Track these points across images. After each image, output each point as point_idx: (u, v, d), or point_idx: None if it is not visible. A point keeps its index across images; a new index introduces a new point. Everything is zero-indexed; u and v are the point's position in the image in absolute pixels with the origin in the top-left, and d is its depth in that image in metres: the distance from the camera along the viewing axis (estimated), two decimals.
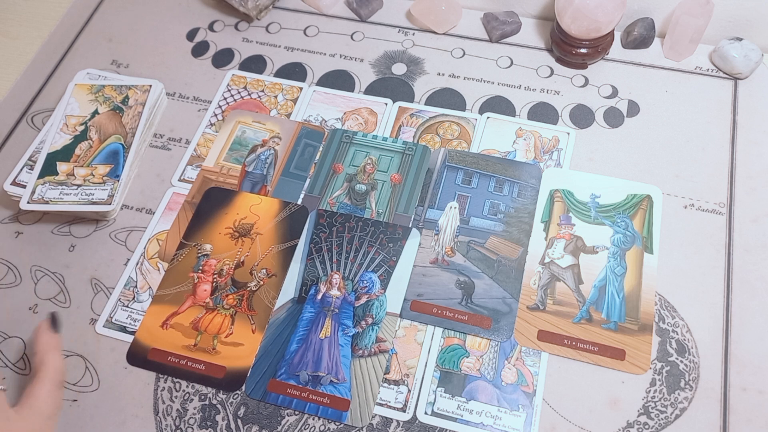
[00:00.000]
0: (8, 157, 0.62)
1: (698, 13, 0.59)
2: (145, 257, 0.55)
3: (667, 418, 0.47)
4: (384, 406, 0.48)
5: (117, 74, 0.66)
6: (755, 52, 0.60)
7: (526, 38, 0.67)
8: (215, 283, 0.53)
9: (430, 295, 0.52)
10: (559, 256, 0.53)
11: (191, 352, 0.50)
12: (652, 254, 0.53)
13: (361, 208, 0.57)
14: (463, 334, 0.51)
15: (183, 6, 0.72)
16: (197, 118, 0.63)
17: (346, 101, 0.63)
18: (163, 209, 0.58)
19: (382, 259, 0.54)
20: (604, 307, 0.51)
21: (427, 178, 0.58)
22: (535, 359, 0.49)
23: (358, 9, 0.68)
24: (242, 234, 0.56)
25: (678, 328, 0.50)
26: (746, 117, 0.59)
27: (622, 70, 0.64)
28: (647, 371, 0.48)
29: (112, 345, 0.52)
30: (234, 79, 0.66)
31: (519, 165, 0.58)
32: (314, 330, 0.51)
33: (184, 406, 0.49)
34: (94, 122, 0.60)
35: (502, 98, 0.63)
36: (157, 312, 0.52)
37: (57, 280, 0.55)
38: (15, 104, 0.66)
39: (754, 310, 0.50)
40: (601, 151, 0.59)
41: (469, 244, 0.54)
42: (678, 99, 0.61)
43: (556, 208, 0.56)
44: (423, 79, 0.64)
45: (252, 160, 0.60)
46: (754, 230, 0.54)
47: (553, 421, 0.47)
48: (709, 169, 0.57)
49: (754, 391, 0.47)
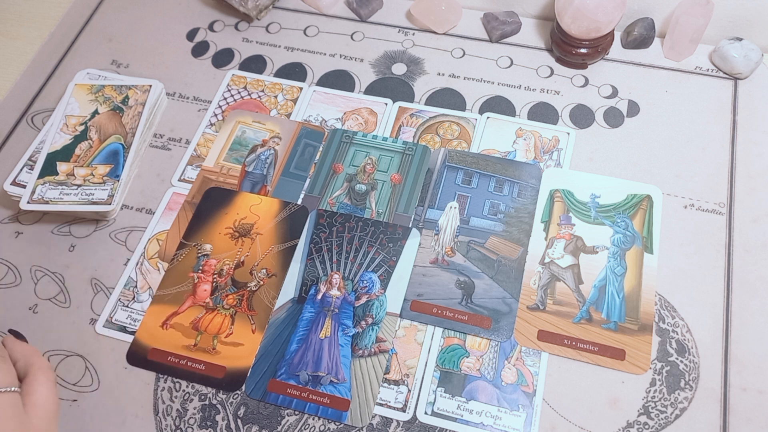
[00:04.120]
0: (8, 157, 0.62)
1: (698, 13, 0.59)
2: (145, 257, 0.55)
3: (667, 418, 0.47)
4: (384, 406, 0.48)
5: (117, 74, 0.66)
6: (755, 52, 0.60)
7: (526, 38, 0.67)
8: (215, 283, 0.53)
9: (430, 295, 0.52)
10: (559, 256, 0.53)
11: (191, 352, 0.50)
12: (652, 254, 0.53)
13: (361, 208, 0.57)
14: (463, 334, 0.51)
15: (183, 6, 0.72)
16: (197, 118, 0.63)
17: (346, 101, 0.63)
18: (163, 209, 0.58)
19: (382, 259, 0.54)
20: (604, 307, 0.51)
21: (427, 178, 0.58)
22: (535, 359, 0.49)
23: (358, 9, 0.68)
24: (242, 234, 0.56)
25: (678, 328, 0.50)
26: (746, 117, 0.59)
27: (622, 70, 0.64)
28: (647, 371, 0.48)
29: (112, 345, 0.52)
30: (234, 79, 0.66)
31: (519, 165, 0.58)
32: (314, 330, 0.51)
33: (184, 406, 0.49)
34: (94, 122, 0.60)
35: (502, 98, 0.63)
36: (157, 312, 0.52)
37: (57, 280, 0.55)
38: (15, 104, 0.66)
39: (754, 310, 0.50)
40: (601, 151, 0.59)
41: (469, 244, 0.54)
42: (678, 99, 0.61)
43: (556, 208, 0.56)
44: (423, 79, 0.64)
45: (252, 160, 0.60)
46: (754, 230, 0.54)
47: (553, 421, 0.47)
48: (709, 169, 0.57)
49: (754, 391, 0.47)
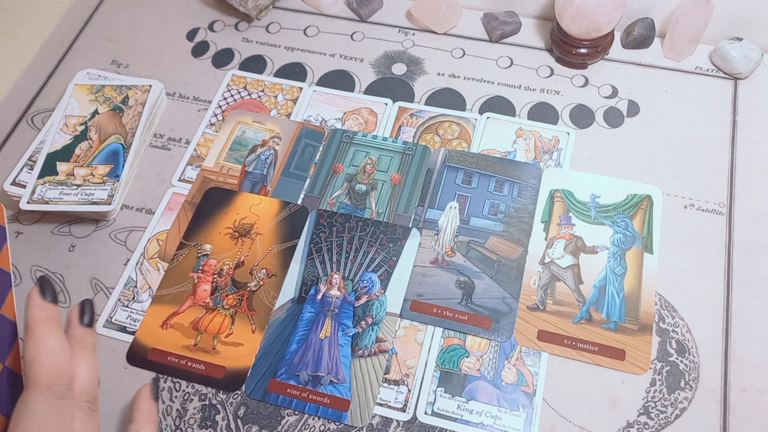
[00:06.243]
0: (8, 157, 0.62)
1: (698, 13, 0.59)
2: (145, 257, 0.55)
3: (667, 418, 0.47)
4: (384, 406, 0.48)
5: (117, 74, 0.66)
6: (755, 52, 0.60)
7: (526, 38, 0.67)
8: (215, 283, 0.53)
9: (430, 295, 0.52)
10: (559, 256, 0.53)
11: (191, 352, 0.50)
12: (652, 254, 0.53)
13: (361, 208, 0.57)
14: (463, 334, 0.50)
15: (183, 6, 0.72)
16: (197, 118, 0.63)
17: (346, 101, 0.63)
18: (163, 209, 0.58)
19: (382, 259, 0.54)
20: (604, 307, 0.51)
21: (427, 178, 0.58)
22: (535, 359, 0.49)
23: (358, 9, 0.68)
24: (242, 234, 0.56)
25: (678, 328, 0.50)
26: (746, 117, 0.59)
27: (622, 70, 0.64)
28: (647, 371, 0.48)
29: (112, 345, 0.52)
30: (234, 79, 0.66)
31: (519, 165, 0.58)
32: (314, 330, 0.51)
33: (184, 406, 0.49)
34: (94, 122, 0.60)
35: (502, 98, 0.63)
36: (157, 312, 0.52)
37: (57, 280, 0.55)
38: (15, 104, 0.66)
39: (754, 310, 0.50)
40: (601, 151, 0.59)
41: (469, 244, 0.54)
42: (678, 99, 0.61)
43: (556, 208, 0.56)
44: (423, 79, 0.64)
45: (252, 160, 0.60)
46: (754, 230, 0.54)
47: (553, 421, 0.47)
48: (709, 169, 0.57)
49: (754, 391, 0.47)
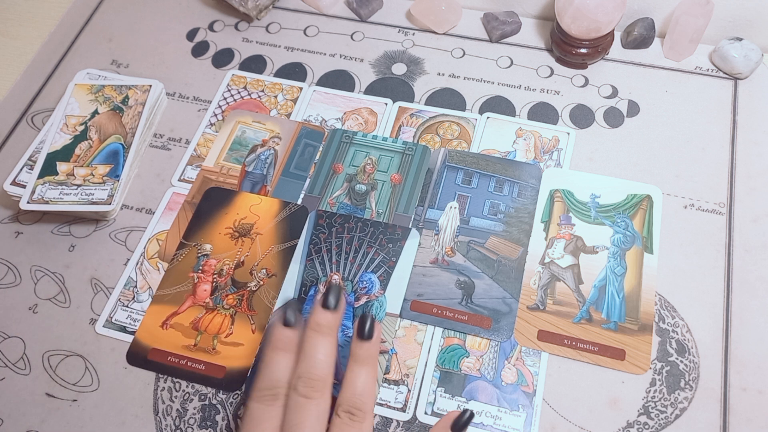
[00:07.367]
0: (8, 157, 0.62)
1: (698, 13, 0.59)
2: (145, 257, 0.55)
3: (667, 418, 0.47)
4: (384, 406, 0.48)
5: (117, 74, 0.66)
6: (755, 52, 0.60)
7: (526, 38, 0.67)
8: (215, 283, 0.53)
9: (430, 295, 0.52)
10: (559, 256, 0.53)
11: (191, 352, 0.50)
12: (652, 254, 0.53)
13: (361, 208, 0.57)
14: (463, 334, 0.50)
15: (183, 6, 0.72)
16: (197, 118, 0.63)
17: (346, 101, 0.63)
18: (163, 209, 0.58)
19: (381, 260, 0.54)
20: (604, 307, 0.51)
21: (427, 178, 0.58)
22: (535, 359, 0.49)
23: (358, 9, 0.68)
24: (242, 234, 0.56)
25: (678, 328, 0.50)
26: (746, 117, 0.59)
27: (622, 70, 0.64)
28: (647, 371, 0.48)
29: (112, 345, 0.52)
30: (234, 79, 0.66)
31: (519, 165, 0.58)
32: None
33: (184, 406, 0.49)
34: (94, 122, 0.60)
35: (502, 98, 0.63)
36: (157, 312, 0.52)
37: (57, 280, 0.55)
38: (15, 104, 0.66)
39: (754, 310, 0.50)
40: (601, 151, 0.59)
41: (469, 244, 0.54)
42: (678, 99, 0.61)
43: (556, 208, 0.56)
44: (423, 79, 0.64)
45: (252, 160, 0.60)
46: (754, 230, 0.54)
47: (553, 421, 0.47)
48: (709, 169, 0.57)
49: (754, 391, 0.47)
